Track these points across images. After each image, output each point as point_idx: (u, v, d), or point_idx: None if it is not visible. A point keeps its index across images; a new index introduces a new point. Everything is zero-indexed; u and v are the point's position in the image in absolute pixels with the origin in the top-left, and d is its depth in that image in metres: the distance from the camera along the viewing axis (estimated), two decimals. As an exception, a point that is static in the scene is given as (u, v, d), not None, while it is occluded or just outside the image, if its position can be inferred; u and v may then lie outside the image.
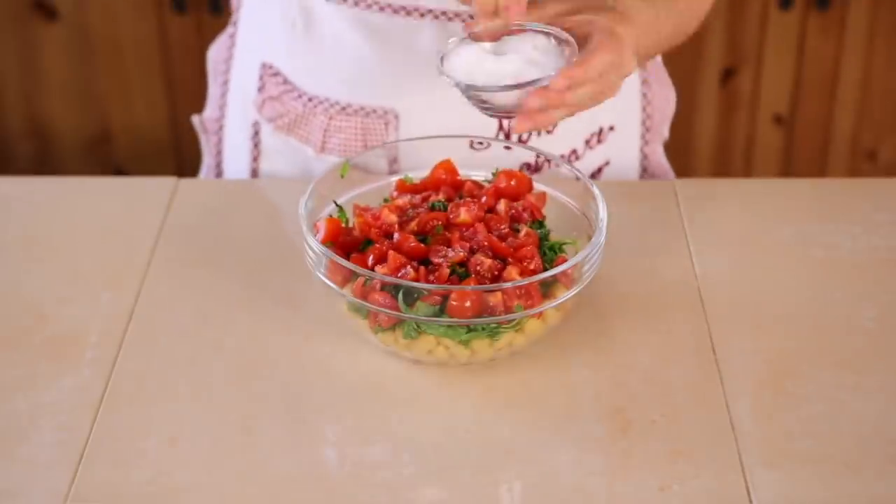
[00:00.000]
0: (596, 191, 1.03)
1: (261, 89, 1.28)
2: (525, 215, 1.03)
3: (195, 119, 1.37)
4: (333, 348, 1.02)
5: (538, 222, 1.04)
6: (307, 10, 1.22)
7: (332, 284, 0.98)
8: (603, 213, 1.01)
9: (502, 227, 1.01)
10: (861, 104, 2.24)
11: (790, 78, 2.23)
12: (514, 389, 0.98)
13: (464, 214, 1.01)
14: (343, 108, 1.22)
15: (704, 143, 2.26)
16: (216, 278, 1.09)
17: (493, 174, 1.08)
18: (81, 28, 2.18)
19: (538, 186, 1.07)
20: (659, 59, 1.31)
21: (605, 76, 0.98)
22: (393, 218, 1.01)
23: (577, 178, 1.06)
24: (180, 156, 2.30)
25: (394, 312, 0.95)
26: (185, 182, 1.22)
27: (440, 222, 1.01)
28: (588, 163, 1.27)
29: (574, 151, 1.25)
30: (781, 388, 0.98)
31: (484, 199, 1.04)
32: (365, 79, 1.22)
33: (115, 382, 0.99)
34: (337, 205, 1.06)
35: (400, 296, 0.94)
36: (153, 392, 0.98)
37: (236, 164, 1.34)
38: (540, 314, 0.97)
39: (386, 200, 1.06)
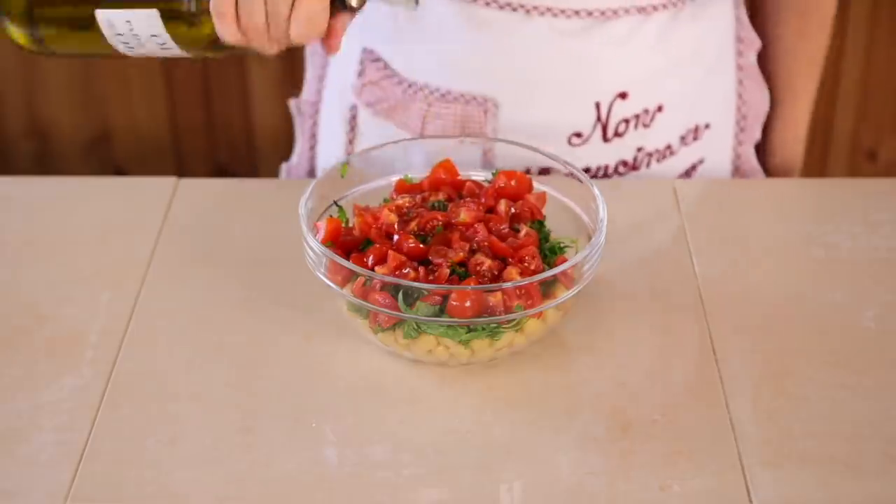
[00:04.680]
0: (596, 191, 1.03)
1: (360, 74, 1.28)
2: (525, 215, 1.03)
3: (292, 103, 1.38)
4: (333, 348, 1.02)
5: (538, 222, 1.04)
6: None
7: (332, 284, 0.98)
8: (603, 213, 1.01)
9: (502, 227, 1.01)
10: (861, 104, 2.24)
11: (790, 78, 2.22)
12: (514, 389, 0.98)
13: (464, 214, 1.01)
14: (443, 95, 1.23)
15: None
16: (216, 278, 1.10)
17: (493, 174, 1.08)
18: (81, 28, 2.18)
19: (538, 186, 1.07)
20: (754, 59, 1.31)
21: None
22: (393, 218, 1.01)
23: (577, 179, 1.06)
24: (180, 156, 2.30)
25: (394, 312, 0.95)
26: (185, 182, 1.22)
27: (440, 222, 1.01)
28: (682, 160, 1.28)
29: (669, 147, 1.26)
30: (781, 388, 0.98)
31: (483, 199, 1.04)
32: (465, 66, 1.22)
33: (115, 382, 0.99)
34: (337, 205, 1.06)
35: (400, 296, 0.94)
36: (153, 392, 0.98)
37: (331, 147, 1.35)
38: (540, 314, 0.97)
39: (386, 200, 1.07)
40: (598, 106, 1.22)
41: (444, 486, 0.90)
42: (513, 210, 1.03)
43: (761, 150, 1.37)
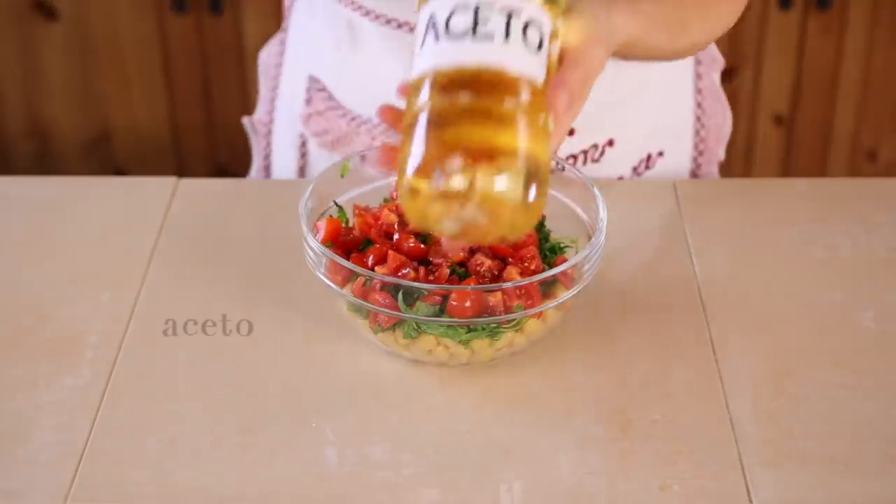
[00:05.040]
0: (596, 191, 1.03)
1: (308, 102, 1.26)
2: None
3: (245, 120, 1.36)
4: (333, 348, 1.02)
5: (538, 222, 1.04)
6: (353, 27, 1.20)
7: (332, 284, 0.98)
8: (603, 213, 1.01)
9: (502, 227, 1.01)
10: (861, 104, 2.25)
11: (790, 78, 2.23)
12: (514, 389, 0.98)
13: (464, 214, 1.01)
14: (386, 130, 1.21)
15: (704, 143, 2.26)
16: (216, 278, 1.10)
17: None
18: (81, 28, 2.19)
19: (538, 186, 1.07)
20: (716, 77, 1.29)
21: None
22: (393, 218, 1.01)
23: (577, 179, 1.06)
24: (180, 156, 2.30)
25: (394, 312, 0.95)
26: (185, 182, 1.22)
27: (440, 222, 1.01)
28: None
29: (621, 178, 1.24)
30: (781, 388, 0.98)
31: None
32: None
33: (115, 382, 0.99)
34: (337, 205, 1.06)
35: (400, 296, 0.94)
36: (153, 392, 0.98)
37: (284, 169, 1.33)
38: (540, 314, 0.97)
39: (386, 200, 1.06)
40: None
41: (444, 486, 0.90)
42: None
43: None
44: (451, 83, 0.78)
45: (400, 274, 0.96)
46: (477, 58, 0.77)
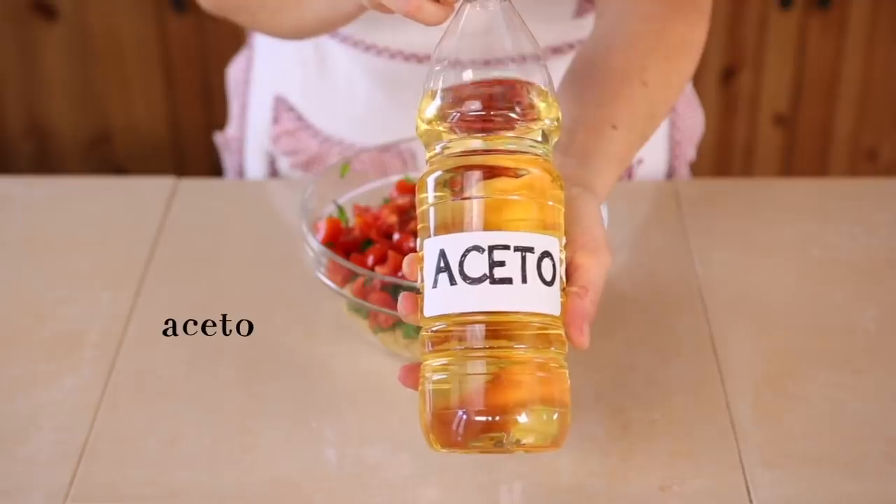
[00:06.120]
0: (596, 191, 1.03)
1: (276, 121, 1.25)
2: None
3: (217, 137, 1.35)
4: (333, 348, 1.02)
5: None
6: (320, 48, 1.20)
7: (332, 284, 0.97)
8: (603, 213, 1.01)
9: (502, 227, 1.01)
10: (861, 104, 2.25)
11: (790, 78, 2.23)
12: (514, 389, 0.98)
13: (464, 214, 1.01)
14: (359, 151, 1.20)
15: (704, 143, 2.25)
16: (216, 278, 1.09)
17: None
18: (81, 28, 2.19)
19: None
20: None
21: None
22: (393, 218, 1.01)
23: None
24: (180, 156, 2.30)
25: (394, 312, 0.95)
26: (185, 182, 1.22)
27: (440, 222, 1.01)
28: None
29: None
30: (781, 388, 0.98)
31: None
32: (377, 122, 1.19)
33: (115, 382, 0.99)
34: (337, 205, 1.06)
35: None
36: (153, 392, 0.98)
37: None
38: (540, 314, 0.96)
39: (386, 200, 1.06)
40: None
41: (444, 486, 0.90)
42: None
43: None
44: (470, 334, 0.76)
45: (400, 274, 0.96)
46: (494, 305, 0.75)
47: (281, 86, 1.25)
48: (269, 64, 1.27)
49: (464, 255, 0.75)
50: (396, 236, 1.00)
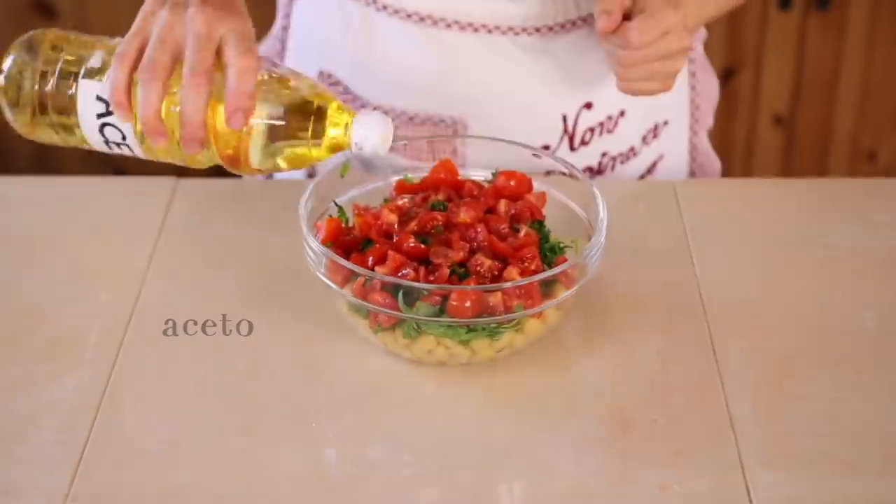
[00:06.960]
0: (596, 191, 1.03)
1: None
2: (525, 215, 1.03)
3: None
4: (333, 348, 1.02)
5: (538, 222, 1.04)
6: (368, 21, 1.21)
7: (332, 284, 0.97)
8: (603, 213, 1.01)
9: (502, 227, 1.01)
10: (861, 104, 2.25)
11: (790, 78, 2.23)
12: (514, 389, 0.98)
13: (464, 214, 1.01)
14: (410, 119, 1.22)
15: (704, 143, 2.26)
16: (216, 278, 1.09)
17: (493, 174, 1.08)
18: (81, 28, 2.18)
19: (538, 186, 1.07)
20: (701, 48, 1.33)
21: (668, 39, 1.05)
22: (393, 218, 1.01)
23: (577, 179, 1.06)
24: (180, 156, 2.30)
25: (394, 312, 0.95)
26: (185, 182, 1.22)
27: (440, 222, 1.01)
28: (644, 159, 1.29)
29: (632, 149, 1.28)
30: (781, 388, 0.98)
31: (483, 199, 1.04)
32: (430, 89, 1.21)
33: (115, 382, 0.99)
34: (337, 205, 1.06)
35: (400, 296, 0.94)
36: (153, 392, 0.98)
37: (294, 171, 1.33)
38: (540, 314, 0.97)
39: (386, 200, 1.06)
40: (564, 118, 1.22)
41: (444, 486, 0.90)
42: (513, 210, 1.03)
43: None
44: None
45: (400, 274, 0.96)
46: None
47: (324, 61, 1.27)
48: (311, 40, 1.28)
49: None
50: (396, 236, 1.00)
